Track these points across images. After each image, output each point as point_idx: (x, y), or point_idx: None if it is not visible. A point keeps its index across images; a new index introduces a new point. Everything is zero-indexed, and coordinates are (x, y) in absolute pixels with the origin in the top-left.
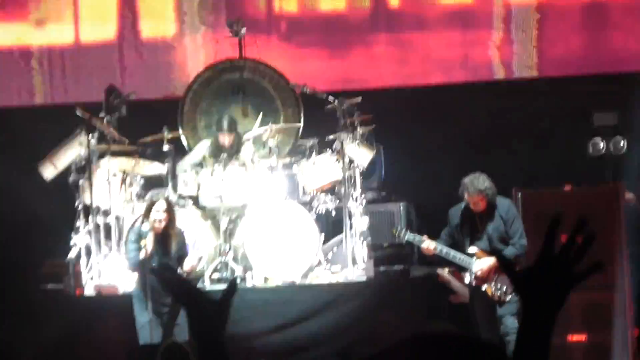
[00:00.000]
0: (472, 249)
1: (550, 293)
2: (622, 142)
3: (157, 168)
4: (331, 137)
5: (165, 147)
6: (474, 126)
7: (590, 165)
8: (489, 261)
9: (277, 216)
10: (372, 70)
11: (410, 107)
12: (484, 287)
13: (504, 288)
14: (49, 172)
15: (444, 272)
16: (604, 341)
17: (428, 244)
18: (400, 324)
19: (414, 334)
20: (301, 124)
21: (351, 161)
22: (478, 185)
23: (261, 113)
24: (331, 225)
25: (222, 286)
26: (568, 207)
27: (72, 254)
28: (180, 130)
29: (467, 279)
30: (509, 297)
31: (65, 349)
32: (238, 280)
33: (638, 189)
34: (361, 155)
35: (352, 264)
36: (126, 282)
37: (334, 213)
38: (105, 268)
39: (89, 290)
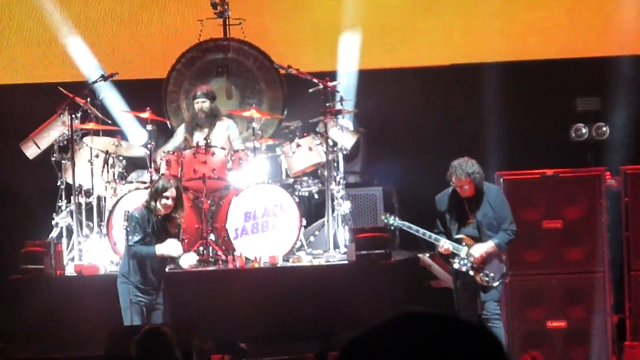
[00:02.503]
0: (460, 235)
1: None
2: (604, 128)
3: (139, 149)
4: (314, 119)
5: (148, 127)
6: (458, 109)
7: (572, 150)
8: (484, 247)
9: (259, 199)
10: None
11: (393, 90)
12: (472, 273)
13: (492, 274)
14: (31, 151)
15: (425, 256)
16: (583, 327)
17: (442, 243)
18: (381, 307)
19: (399, 313)
20: (284, 115)
21: (334, 144)
22: (466, 168)
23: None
24: (314, 208)
25: (202, 268)
26: (550, 192)
27: (53, 234)
28: (165, 110)
29: (456, 264)
30: (496, 284)
31: (46, 329)
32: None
33: (619, 174)
34: (344, 138)
35: (333, 247)
36: (107, 262)
37: (316, 196)
38: (87, 248)
39: (69, 271)
